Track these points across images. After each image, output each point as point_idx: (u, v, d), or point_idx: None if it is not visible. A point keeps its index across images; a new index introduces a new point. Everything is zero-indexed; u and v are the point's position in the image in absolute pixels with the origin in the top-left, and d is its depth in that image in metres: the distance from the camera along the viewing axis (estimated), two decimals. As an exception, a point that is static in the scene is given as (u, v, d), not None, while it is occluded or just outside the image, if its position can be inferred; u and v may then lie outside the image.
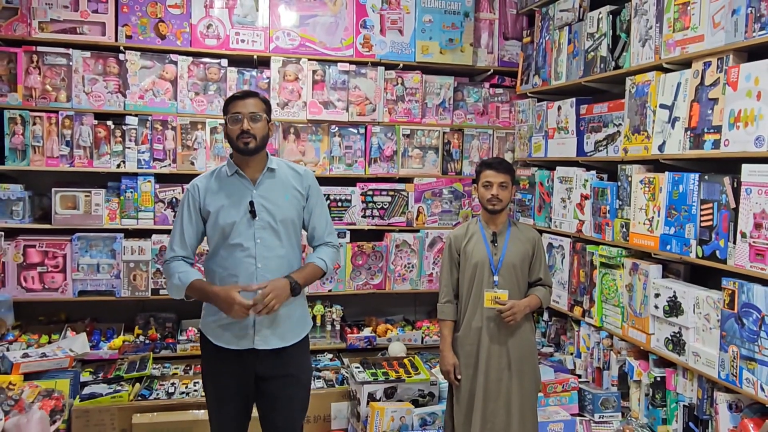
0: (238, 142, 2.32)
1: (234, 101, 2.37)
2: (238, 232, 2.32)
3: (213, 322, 2.38)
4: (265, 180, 2.39)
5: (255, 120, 2.33)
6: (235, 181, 2.38)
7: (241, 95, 2.37)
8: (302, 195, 2.45)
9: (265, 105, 2.40)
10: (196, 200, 2.39)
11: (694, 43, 2.59)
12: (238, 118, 2.32)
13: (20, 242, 3.51)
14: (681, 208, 2.62)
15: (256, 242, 2.32)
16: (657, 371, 2.83)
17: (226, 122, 2.36)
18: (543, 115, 3.80)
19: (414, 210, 4.08)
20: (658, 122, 2.79)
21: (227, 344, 2.35)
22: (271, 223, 2.35)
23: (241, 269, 2.32)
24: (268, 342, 2.34)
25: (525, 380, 2.67)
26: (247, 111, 2.32)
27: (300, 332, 2.45)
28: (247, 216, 2.33)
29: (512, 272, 2.67)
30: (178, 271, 2.35)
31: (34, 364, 3.16)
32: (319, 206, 2.50)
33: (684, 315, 2.61)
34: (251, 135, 2.31)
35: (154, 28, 3.66)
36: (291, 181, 2.44)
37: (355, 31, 3.93)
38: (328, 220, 2.55)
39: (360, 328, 4.09)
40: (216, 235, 2.36)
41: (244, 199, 2.34)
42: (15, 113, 3.50)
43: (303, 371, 2.48)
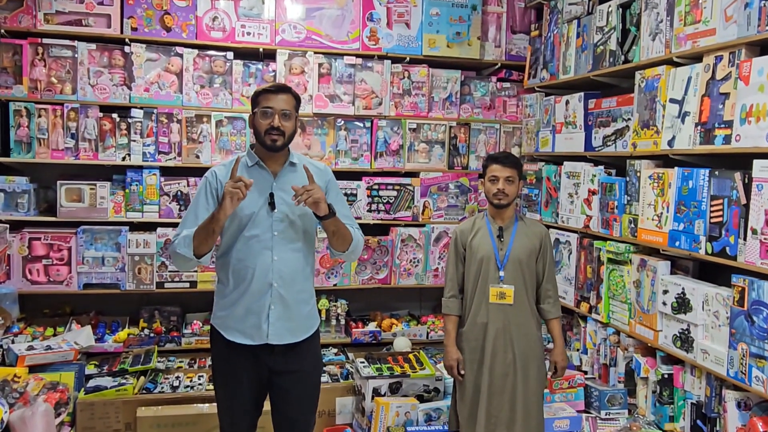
0: (266, 138, 2.28)
1: (266, 94, 2.30)
2: (255, 223, 2.29)
3: (225, 317, 2.35)
4: (286, 173, 2.36)
5: (286, 117, 2.29)
6: (256, 172, 2.34)
7: (275, 89, 2.31)
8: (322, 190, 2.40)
9: (296, 101, 2.36)
10: (215, 188, 2.34)
11: (705, 36, 2.55)
12: (269, 113, 2.27)
13: (25, 235, 3.51)
14: (690, 204, 2.59)
15: (273, 234, 2.30)
16: (664, 368, 2.81)
17: (255, 114, 2.30)
18: (551, 110, 3.77)
19: (420, 204, 4.06)
20: (668, 117, 2.75)
21: (240, 339, 2.32)
22: (290, 216, 2.32)
23: (257, 261, 2.29)
24: (282, 337, 2.32)
25: (530, 376, 2.65)
26: (279, 108, 2.27)
27: (310, 327, 2.43)
28: (265, 208, 2.30)
29: (518, 267, 2.65)
30: (180, 235, 2.28)
31: (39, 357, 3.17)
32: (339, 202, 2.46)
33: (693, 312, 2.58)
34: (281, 132, 2.27)
35: (159, 21, 3.64)
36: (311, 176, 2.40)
37: (362, 24, 3.90)
38: (350, 215, 2.51)
39: (365, 322, 4.08)
40: (232, 225, 2.32)
41: (264, 191, 2.31)
42: (20, 105, 3.49)
43: (315, 366, 2.48)
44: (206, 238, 2.23)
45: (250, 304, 2.31)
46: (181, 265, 2.35)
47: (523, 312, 2.67)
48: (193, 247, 2.23)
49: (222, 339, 2.36)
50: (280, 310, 2.31)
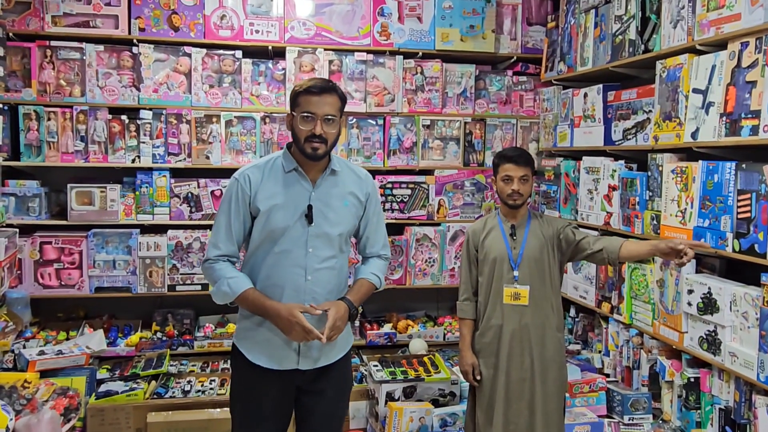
0: (306, 146, 2.04)
1: (308, 96, 2.04)
2: (289, 237, 2.08)
3: (251, 338, 2.15)
4: (326, 182, 2.13)
5: (330, 123, 2.04)
6: (293, 179, 2.11)
7: (318, 90, 2.03)
8: (361, 202, 2.21)
9: (342, 103, 2.10)
10: (246, 193, 2.10)
11: (730, 22, 2.42)
12: (311, 119, 2.02)
13: (36, 239, 3.49)
14: (716, 199, 2.46)
15: (307, 251, 2.08)
16: (690, 371, 2.68)
17: (294, 116, 2.07)
18: (568, 103, 3.64)
19: (435, 203, 3.97)
20: (691, 108, 2.62)
21: (267, 364, 2.12)
22: (327, 231, 2.11)
23: (288, 280, 2.08)
24: (315, 362, 2.15)
25: (549, 380, 2.54)
26: (322, 113, 2.02)
27: (344, 348, 2.26)
28: (301, 221, 2.08)
29: (533, 266, 2.54)
30: (226, 276, 2.08)
31: (50, 362, 3.15)
32: (377, 216, 2.28)
33: (720, 313, 2.45)
34: (323, 140, 2.03)
35: (167, 20, 3.59)
36: (351, 185, 2.19)
37: (373, 19, 3.82)
38: (384, 232, 2.33)
39: (380, 324, 4.00)
40: (263, 238, 2.10)
41: (301, 202, 2.09)
42: (30, 109, 3.47)
43: (346, 386, 2.32)
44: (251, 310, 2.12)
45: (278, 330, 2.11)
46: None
47: (540, 313, 2.56)
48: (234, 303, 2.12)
49: (245, 361, 2.15)
50: (314, 344, 2.10)
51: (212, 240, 2.15)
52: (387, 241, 2.34)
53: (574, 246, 2.58)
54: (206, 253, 2.17)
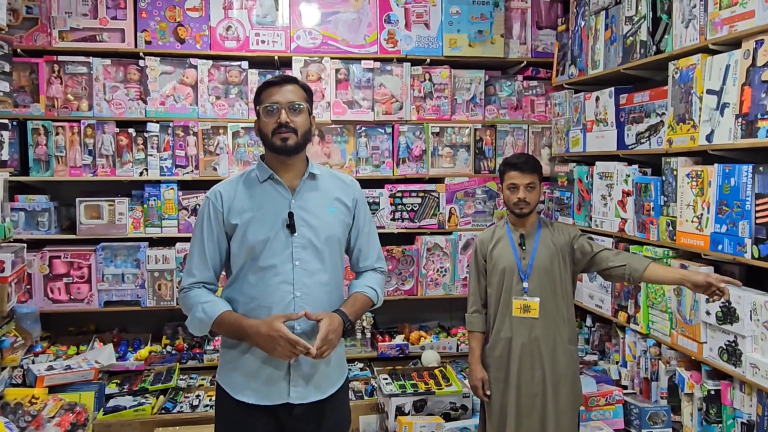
0: (275, 139, 1.90)
1: (269, 88, 1.93)
2: (271, 251, 1.90)
3: (233, 371, 1.96)
4: (306, 188, 1.98)
5: (295, 111, 1.91)
6: (269, 188, 1.96)
7: (278, 80, 1.94)
8: (348, 209, 2.05)
9: (306, 93, 1.98)
10: (219, 211, 1.95)
11: (743, 20, 2.32)
12: (275, 109, 1.90)
13: (46, 253, 3.50)
14: (733, 204, 2.36)
15: (294, 264, 1.91)
16: (711, 384, 2.57)
17: (259, 114, 1.95)
18: (580, 107, 3.56)
19: (446, 211, 3.90)
20: (706, 110, 2.53)
21: (254, 399, 1.92)
22: (314, 240, 1.94)
23: (275, 298, 1.90)
24: (306, 395, 1.94)
25: (562, 395, 2.45)
26: (285, 100, 1.90)
27: (339, 379, 2.05)
28: (283, 231, 1.91)
29: (543, 277, 2.45)
30: (200, 301, 1.92)
31: (58, 377, 3.13)
32: (368, 224, 2.11)
33: (739, 322, 2.35)
34: (291, 129, 1.89)
35: (173, 33, 3.59)
36: (335, 191, 2.03)
37: (379, 27, 3.78)
38: (378, 242, 2.16)
39: (392, 335, 3.93)
40: (242, 255, 1.93)
41: (281, 211, 1.93)
42: (38, 124, 3.48)
43: (343, 424, 2.08)
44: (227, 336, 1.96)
45: (264, 358, 1.91)
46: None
47: (551, 325, 2.47)
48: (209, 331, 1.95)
49: (229, 399, 1.95)
50: (305, 365, 1.92)
51: (186, 267, 2.00)
52: (381, 253, 2.18)
53: (590, 258, 2.48)
54: (181, 283, 2.00)
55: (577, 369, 2.54)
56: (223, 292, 2.01)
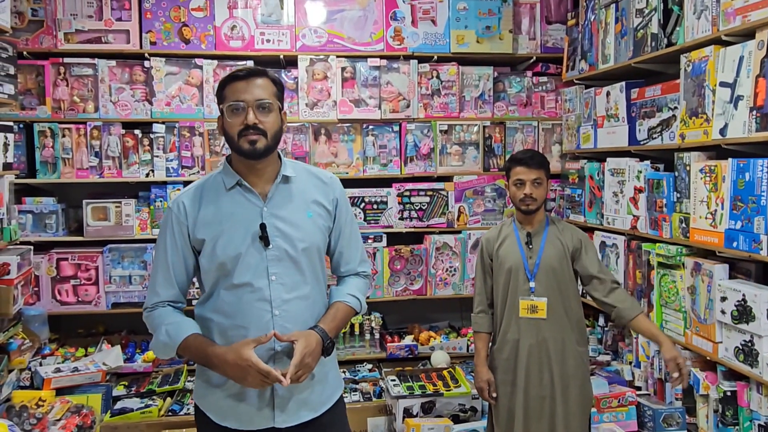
0: (241, 142, 1.69)
1: (233, 83, 1.72)
2: (244, 267, 1.72)
3: (213, 395, 1.78)
4: (279, 193, 1.79)
5: (264, 110, 1.71)
6: (238, 196, 1.77)
7: (244, 74, 1.73)
8: (328, 211, 1.86)
9: (276, 87, 1.77)
10: (183, 223, 1.76)
11: (757, 9, 2.25)
12: (241, 108, 1.69)
13: (53, 255, 3.50)
14: (748, 199, 2.28)
15: (270, 280, 1.73)
16: (727, 384, 2.49)
17: (222, 113, 1.74)
18: (591, 103, 3.49)
19: (455, 210, 3.85)
20: (719, 103, 2.45)
21: (237, 424, 1.75)
22: (290, 252, 1.75)
23: (252, 318, 1.72)
24: (295, 416, 1.76)
25: (571, 398, 2.39)
26: (252, 98, 1.69)
27: (332, 395, 1.87)
28: (256, 244, 1.73)
29: (551, 277, 2.39)
30: (165, 322, 1.74)
31: (65, 379, 3.13)
32: (349, 225, 1.93)
33: (756, 321, 2.28)
34: (259, 131, 1.69)
35: (178, 33, 3.57)
36: (313, 192, 1.84)
37: (385, 24, 3.73)
38: (360, 243, 1.98)
39: (401, 336, 3.88)
40: (213, 271, 1.75)
41: (252, 222, 1.74)
42: (44, 126, 3.48)
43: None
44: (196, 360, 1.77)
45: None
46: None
47: (559, 326, 2.41)
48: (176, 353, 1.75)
49: (210, 424, 1.78)
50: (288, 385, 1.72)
51: (150, 285, 1.82)
52: (365, 255, 2.00)
53: (587, 280, 2.46)
54: (145, 302, 1.82)
55: (587, 371, 2.48)
56: (197, 308, 1.84)
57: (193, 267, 1.81)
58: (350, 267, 1.95)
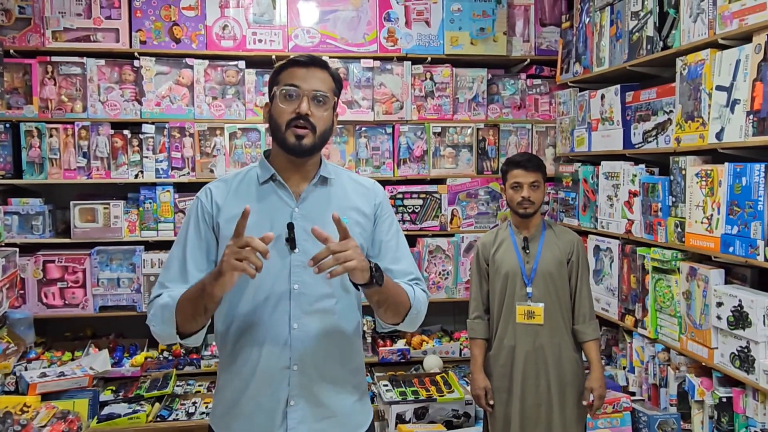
0: (288, 133, 1.55)
1: (292, 68, 1.57)
2: (265, 270, 1.45)
3: (227, 415, 1.63)
4: (315, 194, 1.63)
5: (320, 103, 1.56)
6: (269, 191, 1.62)
7: (306, 61, 1.58)
8: (368, 219, 1.68)
9: (335, 84, 1.63)
10: (209, 213, 1.61)
11: (754, 13, 2.24)
12: (295, 95, 1.54)
13: (40, 258, 3.43)
14: (745, 204, 2.27)
15: (292, 288, 1.57)
16: (722, 391, 2.47)
17: (274, 97, 1.58)
18: (585, 106, 3.47)
19: (448, 213, 3.81)
20: (715, 106, 2.44)
21: None
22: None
23: (267, 331, 1.57)
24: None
25: (568, 405, 2.37)
26: (309, 87, 1.54)
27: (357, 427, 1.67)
28: (280, 246, 1.55)
29: (548, 282, 2.38)
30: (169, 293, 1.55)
31: (51, 384, 3.06)
32: (395, 236, 1.71)
33: (752, 327, 2.26)
34: (310, 125, 1.54)
35: (168, 32, 3.52)
36: (353, 197, 1.68)
37: (379, 25, 3.70)
38: (410, 257, 1.73)
39: (393, 340, 3.85)
40: None
41: (280, 221, 1.57)
42: (31, 126, 3.42)
43: None
44: (194, 315, 1.50)
45: (260, 397, 1.57)
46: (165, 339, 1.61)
47: (556, 332, 2.39)
48: (175, 325, 1.52)
49: None
50: (304, 407, 1.57)
51: (160, 279, 1.62)
52: (417, 272, 1.72)
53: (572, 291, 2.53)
54: (152, 292, 1.63)
55: (583, 377, 2.46)
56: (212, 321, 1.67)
57: (214, 263, 1.61)
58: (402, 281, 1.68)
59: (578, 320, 2.48)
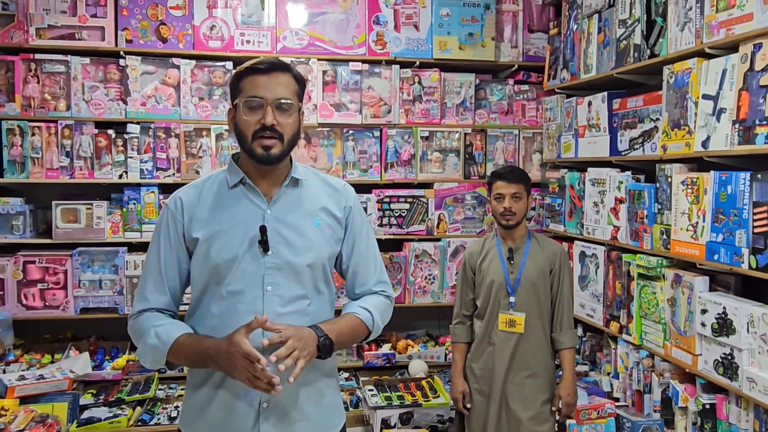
0: (255, 145, 1.55)
1: (253, 76, 1.56)
2: (239, 273, 1.57)
3: (197, 420, 1.64)
4: (286, 196, 1.64)
5: (284, 111, 1.56)
6: (240, 195, 1.62)
7: (266, 67, 1.56)
8: (338, 221, 1.71)
9: (298, 85, 1.62)
10: (179, 221, 1.62)
11: (741, 23, 2.26)
12: (258, 105, 1.54)
13: (20, 258, 3.37)
14: (730, 212, 2.29)
15: (265, 290, 1.58)
16: (706, 397, 2.50)
17: (237, 107, 1.58)
18: (572, 112, 3.49)
19: (434, 217, 3.81)
20: (701, 115, 2.46)
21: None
22: (291, 261, 1.60)
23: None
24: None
25: (543, 412, 2.41)
26: (273, 96, 1.54)
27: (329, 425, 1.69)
28: (254, 249, 1.58)
29: (531, 292, 2.42)
30: (153, 324, 1.58)
31: (30, 387, 3.01)
32: (365, 238, 1.75)
33: (736, 334, 2.28)
34: (276, 134, 1.55)
35: (155, 31, 3.49)
36: (323, 199, 1.69)
37: (368, 28, 3.69)
38: (378, 260, 1.79)
39: (379, 344, 3.83)
40: (204, 276, 1.61)
41: (252, 224, 1.59)
42: (13, 124, 3.36)
43: None
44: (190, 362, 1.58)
45: (232, 399, 1.58)
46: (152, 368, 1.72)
47: (535, 340, 2.47)
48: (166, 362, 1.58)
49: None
50: (277, 409, 1.59)
51: (139, 290, 1.66)
52: (385, 276, 1.79)
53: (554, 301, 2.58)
54: (132, 309, 1.66)
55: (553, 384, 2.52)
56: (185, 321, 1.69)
57: (188, 272, 1.66)
58: (366, 288, 1.76)
59: (556, 328, 2.55)
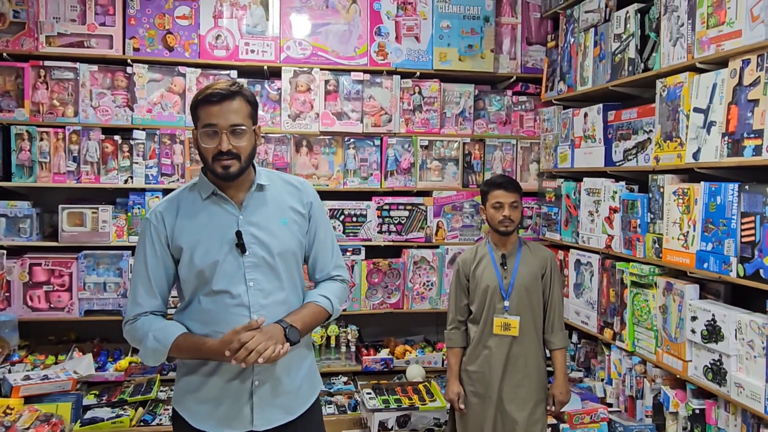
0: (215, 166, 1.75)
1: (206, 106, 1.74)
2: (223, 274, 1.78)
3: (192, 399, 1.84)
4: (254, 201, 1.85)
5: (238, 135, 1.74)
6: (213, 205, 1.83)
7: (217, 98, 1.73)
8: (303, 216, 1.93)
9: (250, 107, 1.80)
10: (162, 233, 1.81)
11: (730, 39, 2.34)
12: (214, 133, 1.73)
13: (26, 260, 3.43)
14: (719, 222, 2.36)
15: (248, 286, 1.80)
16: (696, 402, 2.56)
17: (197, 133, 1.78)
18: (569, 123, 3.57)
19: (433, 225, 3.88)
20: (692, 128, 2.54)
21: (214, 428, 1.81)
22: (267, 258, 1.82)
23: (230, 324, 1.75)
24: (272, 419, 1.83)
25: (537, 412, 2.47)
26: (227, 123, 1.72)
27: (309, 396, 1.94)
28: (233, 252, 1.79)
29: (524, 296, 2.50)
30: (151, 329, 1.77)
31: (34, 387, 3.06)
32: (323, 229, 1.98)
33: (724, 341, 2.34)
34: (234, 156, 1.74)
35: (162, 40, 3.57)
36: (287, 198, 1.91)
37: (370, 39, 3.77)
38: (335, 247, 2.02)
39: (377, 349, 3.89)
40: (192, 279, 1.80)
41: (228, 230, 1.80)
42: (22, 129, 3.44)
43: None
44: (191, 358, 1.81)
45: (226, 383, 1.80)
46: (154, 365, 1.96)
47: (528, 342, 2.54)
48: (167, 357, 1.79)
49: (188, 428, 1.83)
50: (267, 387, 1.82)
51: (131, 297, 1.85)
52: (341, 261, 2.03)
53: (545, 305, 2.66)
54: (126, 314, 1.85)
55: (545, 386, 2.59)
56: (175, 317, 1.88)
57: (173, 276, 1.87)
58: (324, 273, 2.00)
59: (548, 330, 2.63)
